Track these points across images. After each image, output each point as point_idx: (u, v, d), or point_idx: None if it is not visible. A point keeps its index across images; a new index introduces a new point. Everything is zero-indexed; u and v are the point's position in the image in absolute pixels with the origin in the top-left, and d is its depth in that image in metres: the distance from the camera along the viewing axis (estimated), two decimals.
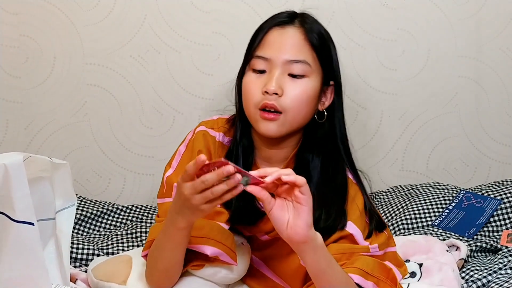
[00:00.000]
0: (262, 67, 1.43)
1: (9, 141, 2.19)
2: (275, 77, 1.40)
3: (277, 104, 1.41)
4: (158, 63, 2.18)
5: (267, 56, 1.43)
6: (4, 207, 1.24)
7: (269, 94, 1.40)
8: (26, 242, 1.26)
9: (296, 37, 1.43)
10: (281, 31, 1.44)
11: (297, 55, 1.42)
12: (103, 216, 2.07)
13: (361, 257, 1.43)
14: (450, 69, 2.23)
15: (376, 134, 2.26)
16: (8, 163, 1.21)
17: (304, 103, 1.43)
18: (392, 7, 2.19)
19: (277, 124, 1.42)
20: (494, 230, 1.94)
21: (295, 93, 1.41)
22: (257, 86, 1.43)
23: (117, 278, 1.53)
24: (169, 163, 1.57)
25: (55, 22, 2.14)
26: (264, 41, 1.45)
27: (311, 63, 1.43)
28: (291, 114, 1.42)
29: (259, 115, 1.42)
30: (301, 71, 1.42)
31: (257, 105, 1.42)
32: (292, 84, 1.42)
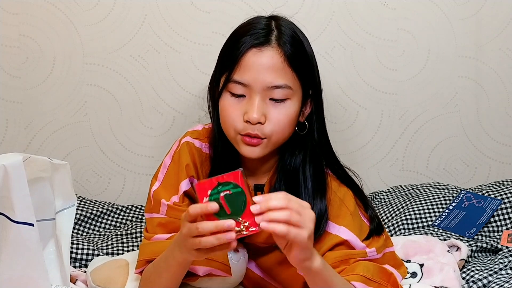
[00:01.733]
0: (241, 92, 1.37)
1: (9, 141, 2.18)
2: (257, 105, 1.34)
3: (260, 133, 1.36)
4: (158, 63, 2.18)
5: (245, 82, 1.35)
6: (4, 208, 1.24)
7: (252, 124, 1.35)
8: (26, 242, 1.26)
9: (275, 60, 1.36)
10: (258, 54, 1.36)
11: (278, 80, 1.35)
12: (103, 216, 2.07)
13: (361, 263, 1.40)
14: (450, 69, 2.23)
15: (376, 134, 2.26)
16: (7, 164, 1.21)
17: (287, 125, 1.39)
18: (392, 7, 2.19)
19: (260, 148, 1.39)
20: (494, 230, 1.94)
21: (278, 119, 1.37)
22: (238, 112, 1.37)
23: (114, 284, 1.53)
24: (155, 176, 1.54)
25: (55, 22, 2.14)
26: (241, 64, 1.37)
27: (292, 84, 1.37)
28: (275, 138, 1.39)
29: (241, 139, 1.38)
30: (283, 95, 1.36)
31: (239, 131, 1.38)
32: (274, 109, 1.37)
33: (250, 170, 1.48)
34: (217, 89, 1.45)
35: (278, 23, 1.42)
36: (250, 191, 1.19)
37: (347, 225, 1.42)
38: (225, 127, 1.41)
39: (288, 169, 1.44)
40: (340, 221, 1.42)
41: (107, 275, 1.57)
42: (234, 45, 1.38)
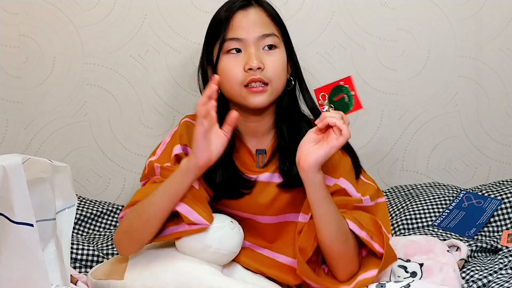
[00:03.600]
0: (237, 46, 1.54)
1: (9, 141, 2.19)
2: (254, 54, 1.52)
3: (263, 76, 1.52)
4: (158, 63, 2.18)
5: (239, 36, 1.53)
6: (4, 208, 1.24)
7: (254, 70, 1.51)
8: (25, 243, 1.26)
9: (260, 15, 1.56)
10: (244, 13, 1.55)
11: (267, 30, 1.55)
12: (103, 216, 2.07)
13: (357, 212, 1.54)
14: (450, 69, 2.23)
15: (376, 134, 2.26)
16: (6, 165, 1.22)
17: (282, 71, 1.56)
18: (392, 7, 2.19)
19: (266, 95, 1.53)
20: (494, 230, 1.94)
21: (274, 64, 1.54)
22: (238, 65, 1.53)
23: (115, 274, 1.54)
24: (153, 152, 1.63)
25: (55, 22, 2.14)
26: (232, 25, 1.55)
27: (278, 35, 1.57)
28: (276, 83, 1.54)
29: (246, 92, 1.53)
30: (273, 42, 1.55)
31: (242, 83, 1.53)
32: (269, 57, 1.54)
33: (249, 136, 1.62)
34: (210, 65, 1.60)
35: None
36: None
37: (345, 176, 1.58)
38: (229, 84, 1.54)
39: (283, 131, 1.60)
40: (338, 175, 1.58)
41: (108, 268, 1.58)
42: (221, 15, 1.57)
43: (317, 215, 1.47)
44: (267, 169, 1.60)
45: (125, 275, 1.53)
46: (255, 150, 1.62)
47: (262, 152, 1.61)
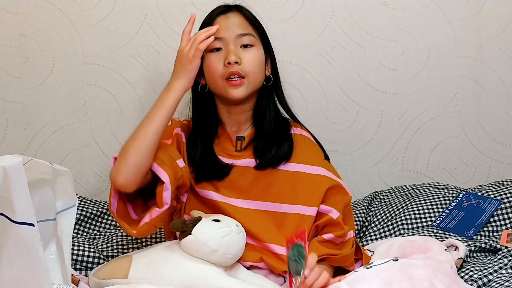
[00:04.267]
0: (218, 45, 1.72)
1: (9, 141, 2.19)
2: (232, 50, 1.70)
3: (240, 70, 1.70)
4: (158, 63, 2.18)
5: (220, 36, 1.71)
6: (4, 208, 1.24)
7: (232, 64, 1.69)
8: (26, 243, 1.26)
9: (238, 18, 1.76)
10: (225, 16, 1.75)
11: (244, 30, 1.74)
12: (103, 216, 2.07)
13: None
14: (450, 69, 2.23)
15: (376, 134, 2.26)
16: (7, 165, 1.22)
17: (258, 66, 1.74)
18: (392, 7, 2.19)
19: (243, 87, 1.71)
20: (494, 230, 1.94)
21: (250, 59, 1.72)
22: (219, 61, 1.71)
23: (119, 273, 1.54)
24: None
25: (55, 22, 2.15)
26: None
27: (255, 35, 1.75)
28: (252, 76, 1.72)
29: (227, 84, 1.71)
30: (250, 41, 1.73)
31: (223, 76, 1.70)
32: (245, 53, 1.72)
33: (230, 124, 1.79)
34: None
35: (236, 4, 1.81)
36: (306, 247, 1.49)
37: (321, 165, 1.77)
38: (213, 78, 1.73)
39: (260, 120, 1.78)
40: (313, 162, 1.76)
41: (111, 268, 1.59)
42: (206, 20, 1.78)
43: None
44: (245, 154, 1.75)
45: (129, 273, 1.53)
46: (235, 137, 1.78)
47: (241, 138, 1.78)
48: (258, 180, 1.72)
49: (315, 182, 1.72)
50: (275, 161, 1.73)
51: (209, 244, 1.50)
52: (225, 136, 1.79)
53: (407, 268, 1.42)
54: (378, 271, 1.42)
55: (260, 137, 1.76)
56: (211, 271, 1.51)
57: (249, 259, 1.63)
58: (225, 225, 1.55)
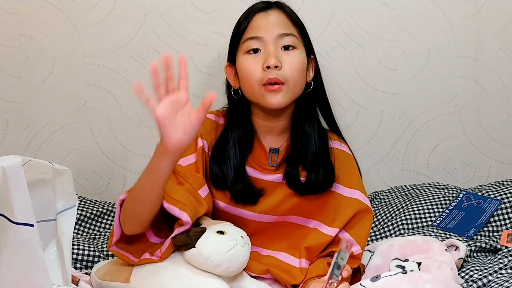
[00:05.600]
0: (256, 46, 1.57)
1: (9, 141, 2.19)
2: (272, 52, 1.55)
3: (279, 76, 1.54)
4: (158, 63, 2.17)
5: (258, 35, 1.57)
6: (3, 209, 1.24)
7: (271, 69, 1.53)
8: (26, 243, 1.27)
9: (279, 16, 1.60)
10: (265, 14, 1.60)
11: (285, 30, 1.58)
12: (103, 216, 2.07)
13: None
14: (450, 69, 2.23)
15: (376, 134, 2.26)
16: (6, 166, 1.22)
17: (300, 71, 1.58)
18: (392, 7, 2.19)
19: (282, 94, 1.56)
20: (494, 230, 1.94)
21: (292, 64, 1.56)
22: (256, 64, 1.56)
23: (120, 277, 1.54)
24: None
25: (55, 22, 2.15)
26: (252, 25, 1.59)
27: (297, 36, 1.60)
28: (292, 83, 1.56)
29: (264, 90, 1.55)
30: (292, 42, 1.58)
31: (261, 81, 1.55)
32: (287, 56, 1.56)
33: (265, 134, 1.65)
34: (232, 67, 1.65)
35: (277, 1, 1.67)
36: None
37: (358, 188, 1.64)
38: (249, 83, 1.58)
39: (300, 133, 1.63)
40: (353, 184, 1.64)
41: (113, 269, 1.58)
42: (243, 18, 1.62)
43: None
44: (279, 169, 1.63)
45: (130, 278, 1.52)
46: (269, 148, 1.65)
47: (275, 151, 1.64)
48: (290, 198, 1.62)
49: (345, 205, 1.62)
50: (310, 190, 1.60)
51: (212, 259, 1.46)
52: (259, 148, 1.65)
53: (415, 281, 1.39)
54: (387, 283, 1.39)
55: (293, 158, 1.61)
56: (213, 282, 1.48)
57: (255, 271, 1.58)
58: (229, 237, 1.50)
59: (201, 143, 1.61)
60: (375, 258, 1.70)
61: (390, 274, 1.40)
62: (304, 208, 1.62)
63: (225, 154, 1.60)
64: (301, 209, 1.62)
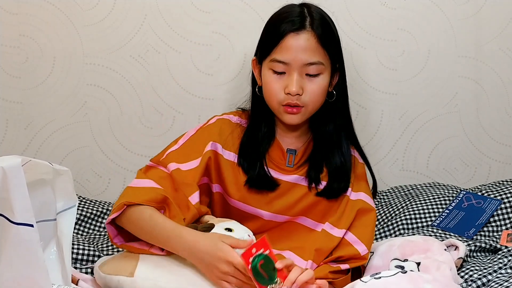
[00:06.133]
0: (281, 70, 1.58)
1: (9, 141, 2.19)
2: (295, 80, 1.56)
3: (299, 102, 1.58)
4: (158, 63, 2.18)
5: (286, 61, 1.57)
6: (3, 209, 1.24)
7: (292, 95, 1.57)
8: (25, 243, 1.27)
9: (310, 42, 1.57)
10: (296, 36, 1.57)
11: (312, 58, 1.57)
12: (103, 216, 2.07)
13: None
14: (450, 69, 2.23)
15: (376, 134, 2.26)
16: (5, 166, 1.22)
17: (321, 96, 1.61)
18: (392, 7, 2.19)
19: (299, 116, 1.60)
20: (494, 230, 1.94)
21: (313, 90, 1.58)
22: (279, 86, 1.58)
23: (124, 270, 1.53)
24: (175, 140, 1.69)
25: (55, 22, 2.14)
26: (281, 46, 1.58)
27: (324, 62, 1.59)
28: (311, 107, 1.61)
29: (283, 110, 1.60)
30: (317, 70, 1.58)
31: (281, 102, 1.59)
32: (309, 83, 1.58)
33: (285, 132, 1.68)
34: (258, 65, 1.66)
35: (310, 10, 1.64)
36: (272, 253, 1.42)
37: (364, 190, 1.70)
38: (269, 99, 1.62)
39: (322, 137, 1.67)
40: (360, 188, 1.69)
41: (117, 264, 1.57)
42: (274, 30, 1.60)
43: None
44: (298, 171, 1.66)
45: (135, 272, 1.52)
46: (286, 149, 1.68)
47: (292, 151, 1.68)
48: (304, 200, 1.66)
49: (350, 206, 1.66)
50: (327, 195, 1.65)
51: None
52: (276, 147, 1.68)
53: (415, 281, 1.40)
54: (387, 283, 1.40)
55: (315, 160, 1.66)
56: None
57: None
58: (237, 235, 1.51)
59: (211, 146, 1.63)
60: (375, 258, 1.70)
61: (390, 274, 1.41)
62: (316, 210, 1.65)
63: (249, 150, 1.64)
64: (313, 211, 1.66)
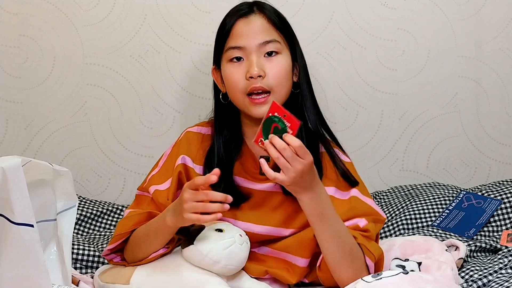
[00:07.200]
0: (239, 55, 1.54)
1: (9, 141, 2.19)
2: (255, 61, 1.51)
3: (263, 85, 1.51)
4: (158, 63, 2.18)
5: (240, 44, 1.53)
6: (3, 209, 1.25)
7: (254, 78, 1.51)
8: (26, 243, 1.27)
9: (261, 22, 1.55)
10: (246, 20, 1.55)
11: (267, 36, 1.54)
12: (103, 216, 2.07)
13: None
14: (450, 69, 2.23)
15: (376, 134, 2.26)
16: (5, 166, 1.22)
17: (284, 77, 1.55)
18: (392, 7, 2.19)
19: (268, 105, 1.48)
20: (494, 230, 1.94)
21: (275, 71, 1.53)
22: (240, 73, 1.53)
23: (121, 279, 1.54)
24: (156, 164, 1.68)
25: (55, 22, 2.15)
26: (233, 33, 1.55)
27: (280, 41, 1.55)
28: (278, 91, 1.53)
29: (248, 102, 1.53)
30: (274, 48, 1.54)
31: (245, 91, 1.53)
32: (270, 63, 1.53)
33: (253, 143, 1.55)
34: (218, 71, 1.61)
35: (259, 2, 1.62)
36: (290, 115, 1.38)
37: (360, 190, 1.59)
38: (233, 93, 1.55)
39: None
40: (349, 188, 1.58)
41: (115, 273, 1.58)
42: (224, 23, 1.58)
43: (316, 234, 1.47)
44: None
45: (131, 279, 1.53)
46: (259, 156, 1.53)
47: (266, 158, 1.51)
48: (284, 206, 1.57)
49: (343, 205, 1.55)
50: None
51: (210, 256, 1.47)
52: (248, 155, 1.61)
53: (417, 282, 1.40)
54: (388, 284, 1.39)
55: None
56: (212, 281, 1.48)
57: (254, 272, 1.57)
58: (228, 235, 1.50)
59: (181, 160, 1.60)
60: None
61: (391, 274, 1.41)
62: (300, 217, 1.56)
63: (213, 161, 1.58)
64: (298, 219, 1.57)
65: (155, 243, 1.52)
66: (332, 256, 1.46)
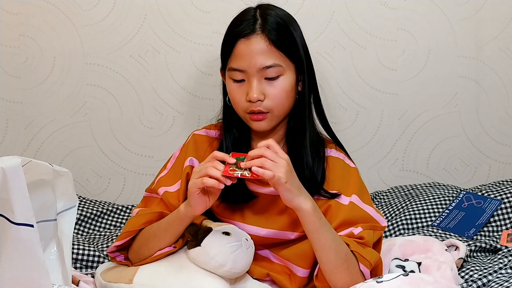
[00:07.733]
0: (240, 77, 1.54)
1: (9, 141, 2.19)
2: (254, 86, 1.52)
3: (262, 108, 1.53)
4: (158, 63, 2.18)
5: (241, 68, 1.53)
6: (3, 209, 1.24)
7: (253, 102, 1.52)
8: (26, 244, 1.27)
9: (261, 45, 1.52)
10: (246, 42, 1.52)
11: (267, 61, 1.52)
12: (103, 216, 2.07)
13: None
14: (450, 69, 2.23)
15: (376, 134, 2.26)
16: (5, 166, 1.22)
17: (285, 98, 1.55)
18: (392, 7, 2.19)
19: (266, 121, 1.55)
20: (494, 230, 1.94)
21: (275, 94, 1.53)
22: (240, 94, 1.54)
23: (124, 278, 1.54)
24: (164, 165, 1.68)
25: (55, 22, 2.15)
26: (234, 54, 1.54)
27: (282, 63, 1.53)
28: (277, 111, 1.55)
29: (249, 117, 1.55)
30: (275, 73, 1.52)
31: (245, 110, 1.55)
32: (270, 87, 1.53)
33: (261, 138, 1.58)
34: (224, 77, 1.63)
35: (263, 11, 1.57)
36: None
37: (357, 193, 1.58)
38: (235, 108, 1.58)
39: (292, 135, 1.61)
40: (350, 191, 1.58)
41: (118, 272, 1.58)
42: (228, 37, 1.57)
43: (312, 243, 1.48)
44: None
45: (134, 279, 1.53)
46: None
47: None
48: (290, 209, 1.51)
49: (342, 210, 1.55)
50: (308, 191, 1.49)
51: (217, 259, 1.47)
52: None
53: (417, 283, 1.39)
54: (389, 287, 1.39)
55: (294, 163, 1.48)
56: (215, 283, 1.48)
57: (256, 274, 1.57)
58: (235, 239, 1.50)
59: (189, 162, 1.61)
60: None
61: (392, 277, 1.40)
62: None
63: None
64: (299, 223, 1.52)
65: (164, 239, 1.53)
66: (327, 263, 1.47)
